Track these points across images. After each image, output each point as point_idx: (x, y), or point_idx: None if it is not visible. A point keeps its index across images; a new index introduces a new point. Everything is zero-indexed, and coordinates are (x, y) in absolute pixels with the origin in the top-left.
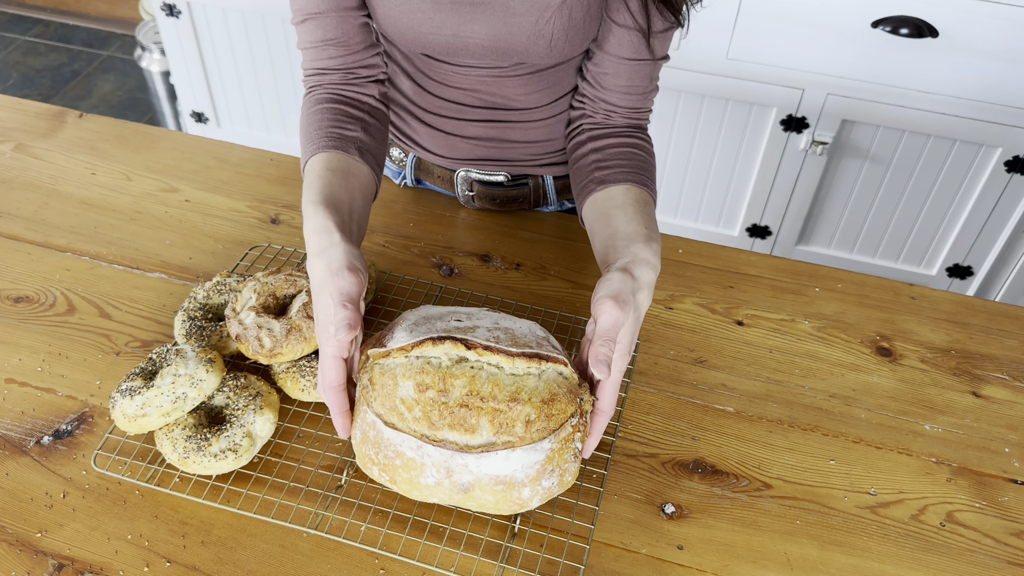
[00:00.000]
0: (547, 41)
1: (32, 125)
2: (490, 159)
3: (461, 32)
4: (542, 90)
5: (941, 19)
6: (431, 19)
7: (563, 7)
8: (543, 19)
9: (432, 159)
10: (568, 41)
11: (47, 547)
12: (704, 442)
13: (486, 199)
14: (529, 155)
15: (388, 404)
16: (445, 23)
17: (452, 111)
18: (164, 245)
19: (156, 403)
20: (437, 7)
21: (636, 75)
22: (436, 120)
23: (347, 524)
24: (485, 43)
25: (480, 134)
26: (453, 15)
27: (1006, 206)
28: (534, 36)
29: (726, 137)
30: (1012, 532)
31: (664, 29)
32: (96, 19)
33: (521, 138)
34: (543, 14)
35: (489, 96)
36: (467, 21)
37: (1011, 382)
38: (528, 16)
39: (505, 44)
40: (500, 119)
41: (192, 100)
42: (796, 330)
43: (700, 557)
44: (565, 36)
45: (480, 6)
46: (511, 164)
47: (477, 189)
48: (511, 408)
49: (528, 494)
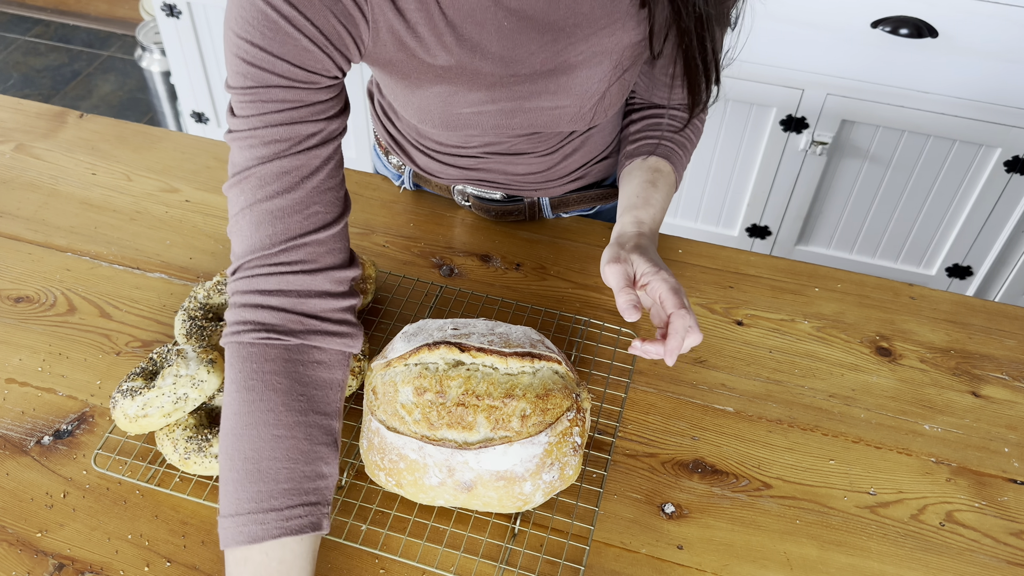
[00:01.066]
0: (586, 121)
1: (32, 125)
2: (487, 181)
3: (500, 125)
4: (553, 135)
5: (941, 19)
6: (474, 119)
7: (607, 92)
8: (586, 106)
9: (428, 177)
10: (606, 114)
11: (47, 547)
12: (704, 442)
13: (482, 210)
14: (527, 183)
15: (390, 410)
16: (487, 120)
17: (450, 148)
18: (164, 245)
19: (157, 404)
20: (480, 108)
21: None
22: (434, 152)
23: (348, 525)
24: (521, 132)
25: (478, 165)
26: (496, 115)
27: (1006, 206)
28: (575, 119)
29: (726, 137)
30: (1012, 532)
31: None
32: (96, 19)
33: (521, 171)
34: (587, 102)
35: (496, 145)
36: (509, 118)
37: (1011, 382)
38: (571, 108)
39: (543, 130)
40: (502, 152)
41: (192, 100)
42: (796, 330)
43: (700, 557)
44: (604, 113)
45: (523, 102)
46: (508, 187)
47: (473, 201)
48: (506, 404)
49: (530, 488)
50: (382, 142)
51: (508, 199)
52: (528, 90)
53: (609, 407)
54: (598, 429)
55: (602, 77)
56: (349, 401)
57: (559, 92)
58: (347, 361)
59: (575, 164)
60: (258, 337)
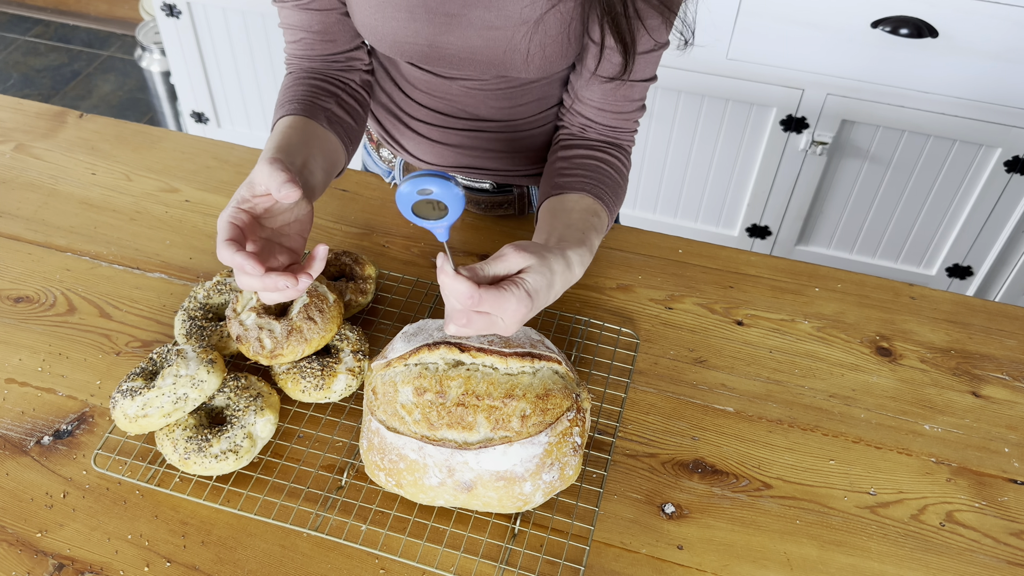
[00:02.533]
0: (523, 56)
1: (32, 125)
2: (475, 167)
3: (437, 42)
4: (525, 104)
5: (941, 19)
6: (406, 27)
7: (540, 22)
8: (519, 33)
9: (418, 164)
10: (545, 57)
11: (47, 547)
12: (704, 442)
13: (471, 203)
14: (513, 166)
15: (390, 410)
16: (420, 32)
17: (436, 119)
18: (164, 245)
19: (157, 404)
20: (412, 16)
21: (612, 94)
22: (421, 127)
23: (347, 525)
24: (461, 54)
25: (464, 143)
26: (428, 25)
27: (1006, 206)
28: (510, 50)
29: (726, 137)
30: (1012, 532)
31: (647, 50)
32: (96, 19)
33: (505, 149)
34: (519, 28)
35: (472, 108)
36: (442, 32)
37: (1011, 382)
38: (504, 30)
39: (481, 56)
40: (483, 130)
41: (192, 100)
42: (796, 330)
43: (700, 557)
44: (542, 52)
45: (455, 17)
46: (496, 173)
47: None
48: (506, 404)
49: (530, 488)
50: (373, 136)
51: (497, 189)
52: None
53: (609, 407)
54: (598, 429)
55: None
56: (349, 401)
57: (490, 6)
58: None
59: (552, 141)
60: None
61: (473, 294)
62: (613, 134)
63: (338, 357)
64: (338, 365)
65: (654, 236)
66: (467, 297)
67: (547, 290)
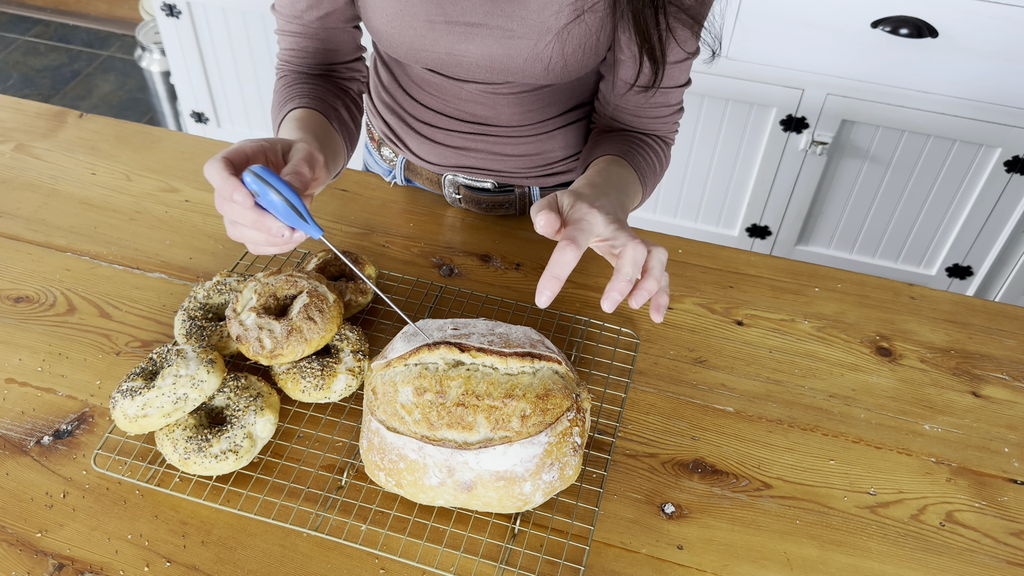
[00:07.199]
0: (544, 64)
1: (32, 125)
2: (478, 168)
3: (455, 51)
4: (536, 109)
5: (941, 19)
6: (424, 36)
7: (563, 32)
8: (542, 43)
9: (420, 163)
10: (566, 66)
11: (47, 547)
12: (704, 442)
13: (472, 203)
14: (517, 168)
15: (390, 410)
16: (439, 41)
17: (442, 122)
18: (164, 245)
19: (157, 404)
20: (430, 26)
21: (646, 103)
22: (425, 128)
23: (347, 525)
24: (480, 62)
25: (469, 145)
26: (447, 34)
27: (1006, 206)
28: (531, 59)
29: (726, 137)
30: (1012, 532)
31: (678, 60)
32: (96, 19)
33: (510, 152)
34: (542, 38)
35: (481, 111)
36: (462, 41)
37: (1011, 382)
38: (526, 40)
39: (501, 65)
40: (490, 133)
41: (192, 100)
42: (796, 330)
43: (700, 557)
44: (563, 61)
45: (475, 27)
46: (498, 174)
47: (464, 193)
48: (506, 404)
49: (530, 488)
50: (375, 135)
51: (499, 189)
52: (478, 6)
53: (609, 407)
54: (598, 429)
55: (559, 9)
56: (349, 401)
57: (513, 16)
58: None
59: (559, 145)
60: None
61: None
62: (654, 133)
63: (338, 357)
64: (338, 365)
65: (654, 236)
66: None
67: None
